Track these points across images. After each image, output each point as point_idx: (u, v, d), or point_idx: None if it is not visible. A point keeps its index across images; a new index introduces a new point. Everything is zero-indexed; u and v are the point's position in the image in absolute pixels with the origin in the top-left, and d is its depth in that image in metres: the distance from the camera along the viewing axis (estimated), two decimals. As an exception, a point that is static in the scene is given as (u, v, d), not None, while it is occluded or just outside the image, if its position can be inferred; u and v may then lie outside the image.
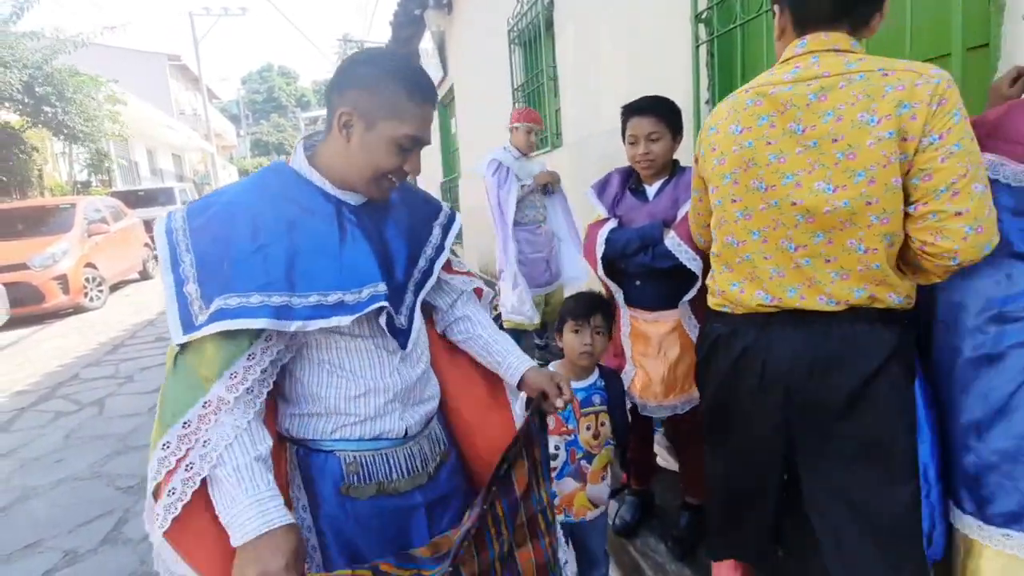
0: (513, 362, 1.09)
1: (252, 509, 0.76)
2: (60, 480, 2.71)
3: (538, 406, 1.06)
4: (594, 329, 1.40)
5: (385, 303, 0.87)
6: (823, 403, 0.98)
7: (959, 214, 0.82)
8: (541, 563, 1.03)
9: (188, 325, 0.79)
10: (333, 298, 0.83)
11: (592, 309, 1.41)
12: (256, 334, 0.81)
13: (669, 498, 1.94)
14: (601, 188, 1.77)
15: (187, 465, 0.76)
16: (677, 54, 2.52)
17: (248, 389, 0.81)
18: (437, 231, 1.07)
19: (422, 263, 1.00)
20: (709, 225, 1.15)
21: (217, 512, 0.77)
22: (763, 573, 1.34)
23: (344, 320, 0.83)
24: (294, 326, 0.80)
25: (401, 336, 0.94)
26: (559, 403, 1.01)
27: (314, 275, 0.83)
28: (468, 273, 1.16)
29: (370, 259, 0.89)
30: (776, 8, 1.01)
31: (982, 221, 0.82)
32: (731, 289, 1.07)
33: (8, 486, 2.70)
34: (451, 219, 1.12)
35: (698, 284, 1.56)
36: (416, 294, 0.98)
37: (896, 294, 0.94)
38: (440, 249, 1.06)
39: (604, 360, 1.81)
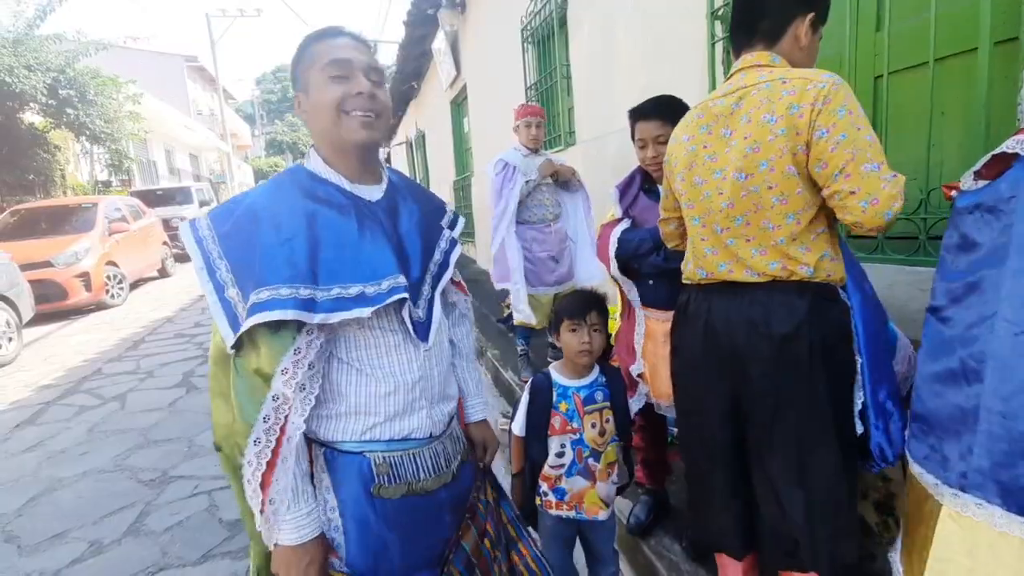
0: (471, 405, 1.20)
1: (290, 524, 0.86)
2: (85, 472, 2.79)
3: (468, 457, 1.13)
4: (591, 327, 1.40)
5: (405, 295, 0.89)
6: (753, 362, 1.13)
7: (853, 193, 0.99)
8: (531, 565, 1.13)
9: (236, 327, 0.83)
10: (354, 290, 0.86)
11: (588, 307, 1.41)
12: (298, 328, 0.84)
13: (682, 496, 1.93)
14: (625, 187, 1.78)
15: (282, 459, 0.84)
16: (693, 51, 2.50)
17: (301, 386, 0.84)
18: (446, 229, 1.09)
19: (437, 256, 1.02)
20: (667, 219, 1.41)
21: (261, 501, 0.84)
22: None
23: (364, 312, 0.85)
24: (317, 318, 0.83)
25: (420, 329, 0.95)
26: (483, 463, 1.18)
27: (335, 268, 0.86)
28: (459, 284, 1.20)
29: (388, 253, 0.91)
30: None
31: (876, 194, 0.98)
32: (686, 267, 1.31)
33: (36, 477, 2.78)
34: (455, 218, 1.15)
35: None
36: (433, 287, 1.00)
37: (805, 266, 1.09)
38: (454, 243, 1.08)
39: (616, 359, 1.81)
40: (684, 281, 1.33)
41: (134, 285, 8.33)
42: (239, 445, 0.84)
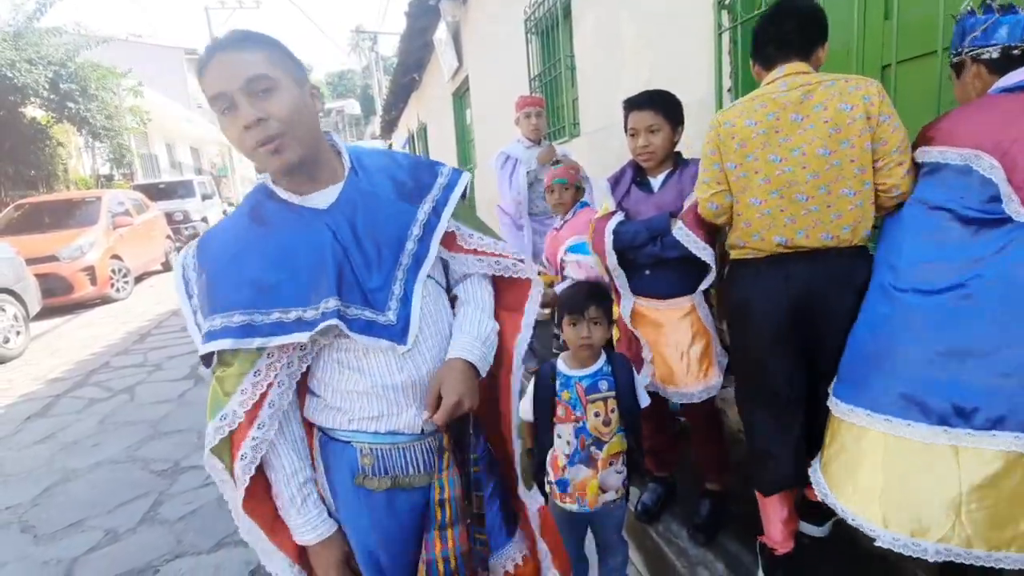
0: (453, 343, 0.97)
1: (305, 527, 0.94)
2: (98, 463, 2.83)
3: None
4: (590, 320, 1.41)
5: (335, 320, 0.84)
6: (835, 316, 1.34)
7: (900, 164, 1.27)
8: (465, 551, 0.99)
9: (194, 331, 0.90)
10: (293, 315, 0.85)
11: (586, 301, 1.42)
12: (257, 352, 0.87)
13: (691, 484, 1.96)
14: (616, 180, 1.79)
15: (241, 455, 0.88)
16: (699, 41, 2.49)
17: (271, 402, 0.88)
18: (428, 206, 0.97)
19: (409, 245, 0.93)
20: (719, 191, 1.48)
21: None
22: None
23: (302, 337, 0.85)
24: (256, 343, 0.85)
25: (389, 332, 0.90)
26: (427, 412, 0.92)
27: (277, 291, 0.86)
28: (478, 251, 1.02)
29: (328, 271, 0.86)
30: (753, 58, 1.48)
31: (911, 167, 1.27)
32: (752, 240, 1.42)
33: (50, 468, 2.82)
34: (452, 180, 1.01)
35: (713, 273, 1.58)
36: (409, 283, 0.92)
37: (866, 230, 1.35)
38: (429, 225, 0.96)
39: (619, 350, 1.83)
40: (743, 256, 1.47)
41: (138, 279, 8.36)
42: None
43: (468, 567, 0.97)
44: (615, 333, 1.84)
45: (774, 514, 1.52)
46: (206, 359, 0.89)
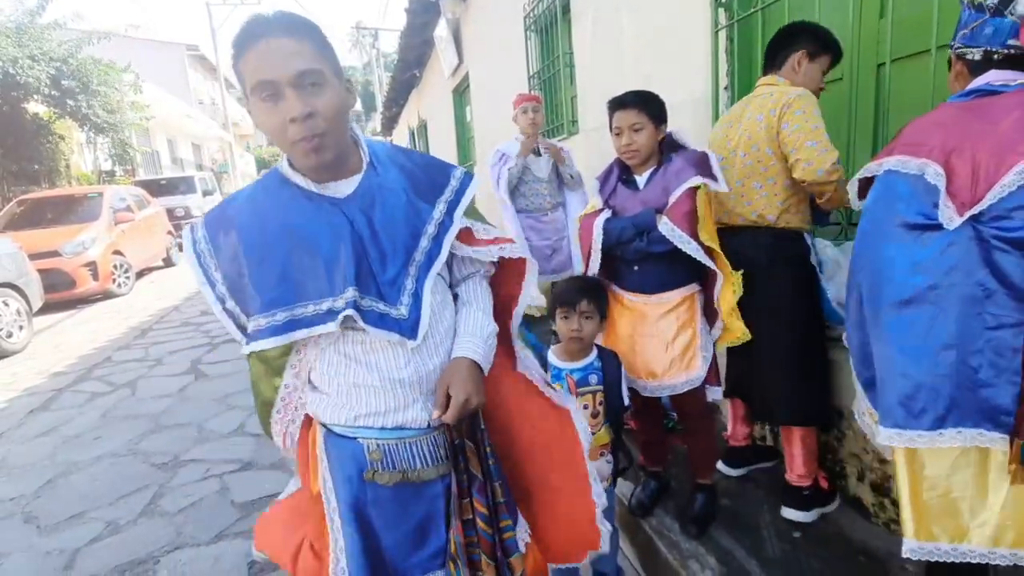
0: (457, 343, 0.99)
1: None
2: (99, 456, 2.86)
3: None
4: (581, 314, 1.44)
5: (351, 311, 0.86)
6: (755, 276, 1.68)
7: (798, 160, 1.57)
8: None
9: (244, 337, 0.94)
10: (325, 305, 0.88)
11: (579, 295, 1.46)
12: (288, 349, 0.92)
13: (683, 478, 1.98)
14: (604, 179, 1.82)
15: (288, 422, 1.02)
16: (696, 39, 2.50)
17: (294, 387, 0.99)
18: (442, 206, 0.98)
19: (424, 243, 0.94)
20: None
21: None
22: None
23: (332, 327, 0.87)
24: (300, 334, 0.89)
25: (400, 326, 0.91)
26: (436, 410, 0.93)
27: (307, 283, 0.89)
28: (498, 240, 1.04)
29: (349, 260, 0.88)
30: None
31: (811, 160, 1.54)
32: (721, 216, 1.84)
33: (53, 461, 2.85)
34: (463, 183, 1.03)
35: (711, 265, 1.60)
36: (421, 279, 0.93)
37: (771, 215, 1.70)
38: (443, 225, 0.97)
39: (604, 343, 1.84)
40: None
41: (140, 274, 8.39)
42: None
43: (489, 554, 0.99)
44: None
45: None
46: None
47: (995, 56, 1.11)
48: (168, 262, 9.69)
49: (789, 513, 1.74)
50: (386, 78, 11.46)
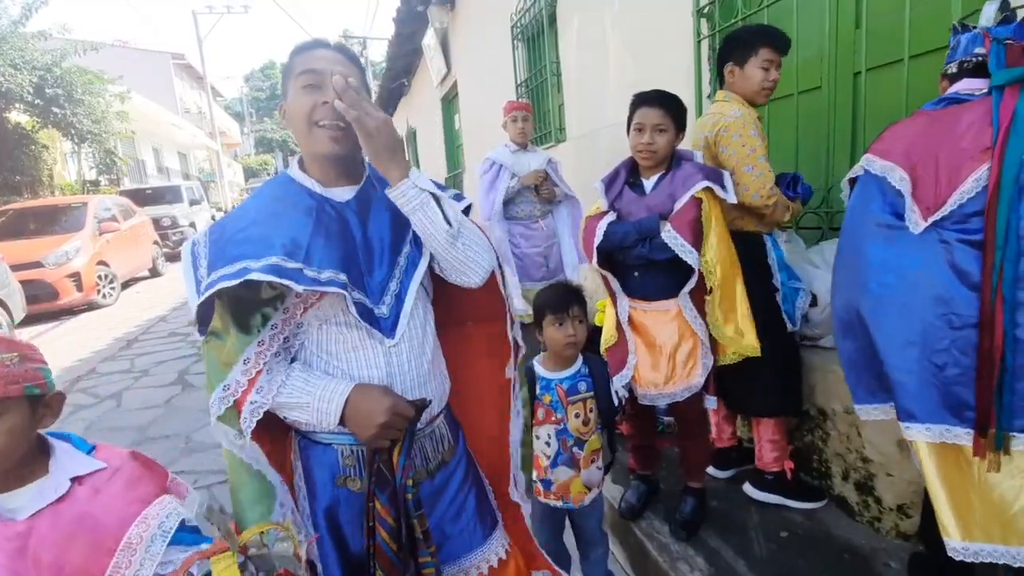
0: None
1: (328, 387, 0.91)
2: (83, 470, 2.80)
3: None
4: (574, 318, 1.43)
5: (341, 289, 0.88)
6: None
7: (737, 184, 1.65)
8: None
9: (195, 301, 0.88)
10: (292, 265, 0.86)
11: (569, 300, 1.44)
12: (263, 323, 0.90)
13: (673, 481, 2.00)
14: (610, 181, 1.81)
15: (249, 402, 0.90)
16: (679, 49, 2.55)
17: (268, 368, 0.91)
18: None
19: (406, 248, 0.99)
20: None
21: (308, 418, 0.92)
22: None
23: (296, 286, 0.85)
24: (301, 287, 0.85)
25: (381, 324, 0.94)
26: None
27: (311, 251, 0.89)
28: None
29: (335, 251, 0.91)
30: None
31: (748, 185, 1.66)
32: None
33: (34, 475, 2.79)
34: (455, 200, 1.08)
35: (696, 275, 1.61)
36: (405, 282, 0.97)
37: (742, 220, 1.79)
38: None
39: (607, 357, 1.86)
40: None
41: (125, 284, 8.27)
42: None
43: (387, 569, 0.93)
44: (614, 336, 1.83)
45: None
46: (202, 319, 0.90)
47: (966, 65, 1.18)
48: (154, 272, 9.56)
49: (748, 489, 1.91)
50: (375, 87, 11.46)
